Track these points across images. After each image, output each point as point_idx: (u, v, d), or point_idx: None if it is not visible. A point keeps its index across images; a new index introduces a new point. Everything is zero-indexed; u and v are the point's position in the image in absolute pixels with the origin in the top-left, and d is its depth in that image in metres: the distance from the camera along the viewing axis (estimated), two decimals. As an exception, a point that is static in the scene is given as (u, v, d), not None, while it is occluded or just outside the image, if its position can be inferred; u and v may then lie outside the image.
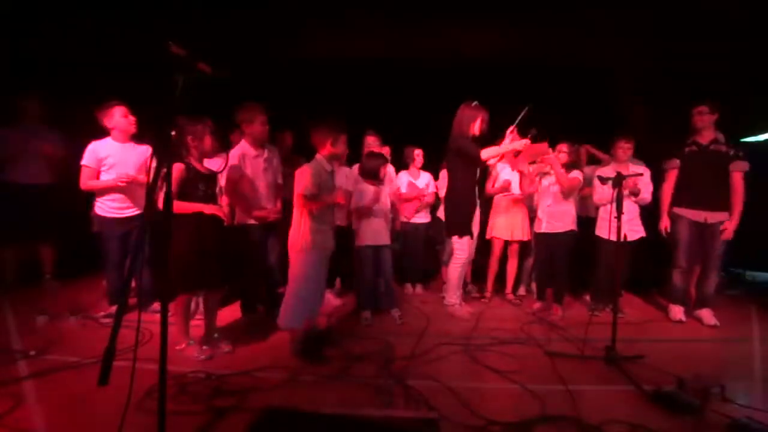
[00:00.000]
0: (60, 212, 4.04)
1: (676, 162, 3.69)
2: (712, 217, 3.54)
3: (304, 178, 2.70)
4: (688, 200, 3.63)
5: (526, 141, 3.44)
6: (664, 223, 3.71)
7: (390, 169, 4.20)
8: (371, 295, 3.61)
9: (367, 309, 3.55)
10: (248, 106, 3.24)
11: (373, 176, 3.48)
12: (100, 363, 1.35)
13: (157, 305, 3.38)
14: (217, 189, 2.84)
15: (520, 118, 3.49)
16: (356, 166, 3.81)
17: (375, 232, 3.54)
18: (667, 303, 3.80)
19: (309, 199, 2.69)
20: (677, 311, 3.67)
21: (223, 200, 3.16)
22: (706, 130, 3.57)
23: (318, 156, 2.83)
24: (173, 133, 2.55)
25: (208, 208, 2.57)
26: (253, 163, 3.26)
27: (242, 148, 3.26)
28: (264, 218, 3.24)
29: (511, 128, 3.57)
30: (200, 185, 2.62)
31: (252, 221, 3.25)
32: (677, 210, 3.68)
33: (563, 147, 3.74)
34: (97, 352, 2.26)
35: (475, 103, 3.54)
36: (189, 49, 1.55)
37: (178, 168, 2.42)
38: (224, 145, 3.56)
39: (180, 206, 2.42)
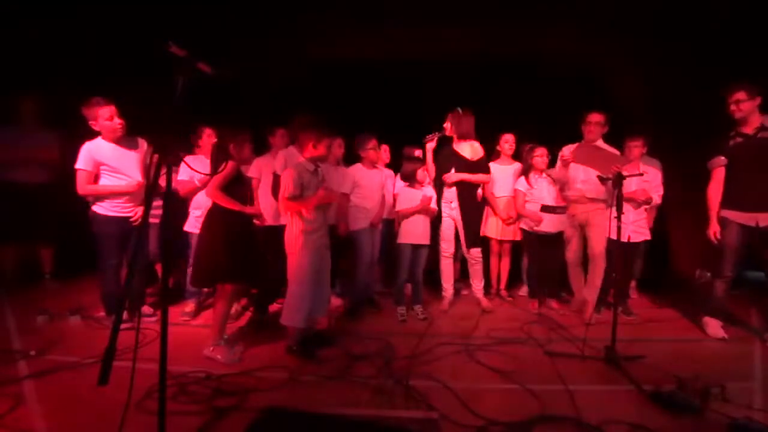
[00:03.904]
0: (58, 211, 4.02)
1: (722, 159, 3.23)
2: (765, 219, 3.06)
3: (286, 181, 2.76)
4: (737, 201, 3.17)
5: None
6: (713, 229, 3.23)
7: (389, 172, 4.21)
8: (404, 291, 3.79)
9: (402, 305, 3.72)
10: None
11: (411, 179, 3.69)
12: (100, 363, 1.35)
13: (147, 309, 3.38)
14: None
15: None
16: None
17: (416, 232, 3.66)
18: (702, 316, 3.39)
19: (292, 201, 2.74)
20: (715, 326, 3.25)
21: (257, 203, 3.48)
22: (751, 116, 3.09)
23: (300, 158, 2.90)
24: (216, 141, 2.77)
25: (247, 209, 2.80)
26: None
27: (289, 152, 3.44)
28: None
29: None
30: (242, 187, 2.84)
31: None
32: (725, 213, 3.21)
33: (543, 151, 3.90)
34: (97, 352, 2.27)
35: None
36: (190, 49, 1.55)
37: (231, 165, 2.67)
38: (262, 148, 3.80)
39: (225, 201, 2.67)
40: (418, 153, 4.26)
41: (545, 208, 3.81)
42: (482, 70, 5.16)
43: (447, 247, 3.88)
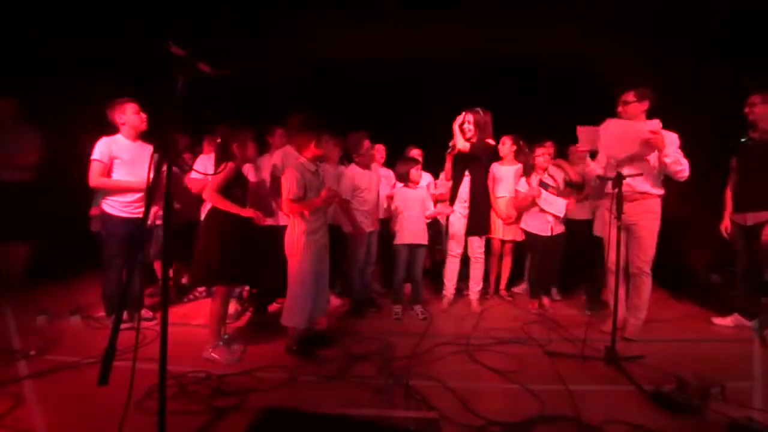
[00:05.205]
0: (37, 211, 3.94)
1: (733, 159, 3.44)
2: (753, 217, 3.24)
3: (288, 182, 2.74)
4: (735, 201, 3.41)
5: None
6: (724, 224, 3.47)
7: (388, 173, 4.20)
8: (402, 290, 3.81)
9: (398, 304, 3.73)
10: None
11: (404, 179, 3.71)
12: (100, 363, 1.35)
13: (146, 312, 3.35)
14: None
15: None
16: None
17: (412, 232, 3.67)
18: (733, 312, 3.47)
19: (295, 202, 2.73)
20: (729, 320, 3.43)
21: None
22: (761, 121, 3.18)
23: (301, 158, 2.87)
24: (218, 140, 2.72)
25: (245, 212, 2.75)
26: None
27: (286, 151, 3.41)
28: None
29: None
30: (240, 189, 2.81)
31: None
32: (732, 215, 3.44)
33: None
34: (97, 352, 2.27)
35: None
36: (190, 49, 1.55)
37: (230, 167, 2.65)
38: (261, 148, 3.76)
39: (223, 204, 2.66)
40: (414, 153, 4.27)
41: (542, 184, 3.81)
42: (482, 70, 5.17)
43: (455, 247, 3.84)
